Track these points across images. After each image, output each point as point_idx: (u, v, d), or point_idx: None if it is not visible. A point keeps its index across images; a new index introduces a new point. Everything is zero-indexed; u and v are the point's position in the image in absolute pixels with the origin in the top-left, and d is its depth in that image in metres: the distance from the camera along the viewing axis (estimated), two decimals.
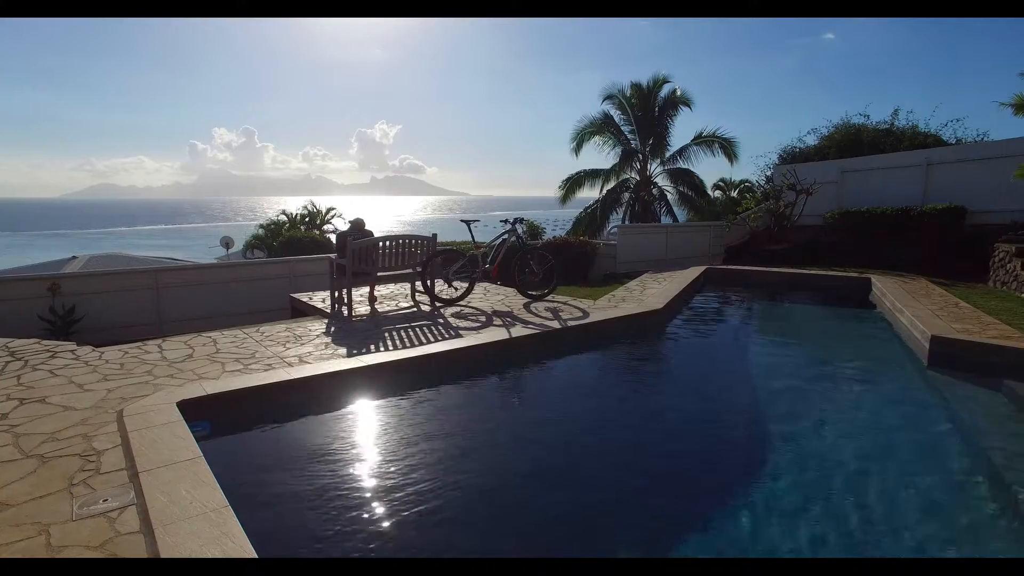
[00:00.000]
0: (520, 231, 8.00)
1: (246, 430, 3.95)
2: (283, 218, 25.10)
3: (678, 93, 20.27)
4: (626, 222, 21.58)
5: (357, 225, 7.64)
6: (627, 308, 7.22)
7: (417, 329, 6.17)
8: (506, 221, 7.94)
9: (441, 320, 6.64)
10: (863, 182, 13.01)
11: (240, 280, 9.02)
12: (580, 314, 6.83)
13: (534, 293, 7.87)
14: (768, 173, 17.50)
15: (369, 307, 7.47)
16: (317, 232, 20.17)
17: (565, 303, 7.62)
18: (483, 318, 6.71)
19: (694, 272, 10.48)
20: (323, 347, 5.41)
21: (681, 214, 21.41)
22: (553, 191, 22.15)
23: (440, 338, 5.76)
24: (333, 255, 7.55)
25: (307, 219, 25.02)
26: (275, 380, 4.28)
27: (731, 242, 14.39)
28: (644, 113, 20.33)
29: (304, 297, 8.17)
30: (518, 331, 5.94)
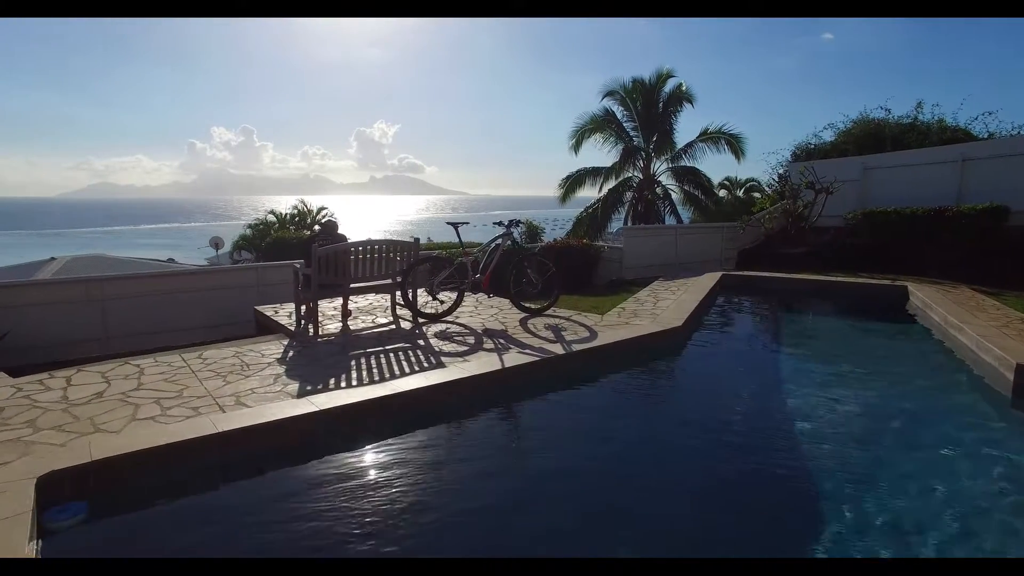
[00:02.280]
0: (516, 235, 6.97)
1: (136, 511, 2.92)
2: (272, 218, 24.05)
3: (683, 88, 19.29)
4: (628, 222, 20.59)
5: (328, 229, 6.61)
6: (641, 326, 6.21)
7: (392, 355, 5.14)
8: (500, 223, 6.91)
9: (422, 342, 5.61)
10: (888, 180, 12.01)
11: (200, 290, 7.98)
12: (586, 334, 5.81)
13: (532, 307, 6.84)
14: (780, 171, 16.53)
15: (341, 323, 6.45)
16: (307, 233, 19.14)
17: (568, 318, 6.60)
18: (471, 339, 5.69)
19: (710, 280, 9.46)
20: (272, 381, 4.38)
21: (686, 214, 20.46)
22: (552, 191, 21.21)
23: (417, 367, 4.73)
24: (298, 263, 6.51)
25: (297, 219, 23.97)
26: (189, 436, 3.24)
27: (743, 244, 13.38)
28: (647, 109, 19.35)
29: (269, 310, 7.15)
30: (513, 358, 4.91)
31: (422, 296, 6.82)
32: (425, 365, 4.79)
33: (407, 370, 4.66)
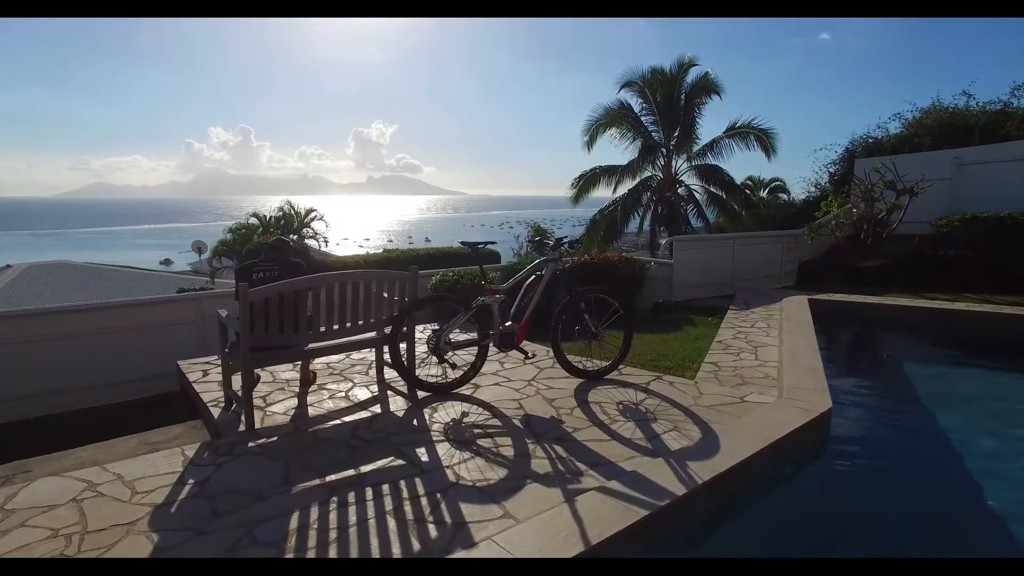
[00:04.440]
0: (561, 257, 4.61)
1: None
2: (254, 221, 21.59)
3: (710, 77, 17.15)
4: (645, 226, 18.52)
5: (277, 251, 4.23)
6: (771, 408, 3.88)
7: (371, 494, 2.81)
8: (538, 240, 4.61)
9: (423, 451, 3.30)
10: (991, 177, 9.83)
11: (112, 331, 5.63)
12: (694, 430, 3.52)
13: (588, 369, 4.53)
14: (832, 169, 14.37)
15: (297, 399, 4.15)
16: (295, 238, 16.90)
17: (645, 387, 4.31)
18: (506, 444, 3.37)
19: (801, 309, 7.18)
20: None
21: (711, 217, 18.37)
22: (552, 190, 19.22)
23: (415, 534, 2.42)
24: (224, 310, 4.14)
25: (283, 222, 21.50)
26: None
27: (803, 256, 11.17)
28: (667, 102, 17.26)
29: (196, 371, 4.83)
30: (594, 508, 2.59)
31: (420, 339, 4.49)
32: (431, 529, 2.49)
33: (396, 546, 2.35)
